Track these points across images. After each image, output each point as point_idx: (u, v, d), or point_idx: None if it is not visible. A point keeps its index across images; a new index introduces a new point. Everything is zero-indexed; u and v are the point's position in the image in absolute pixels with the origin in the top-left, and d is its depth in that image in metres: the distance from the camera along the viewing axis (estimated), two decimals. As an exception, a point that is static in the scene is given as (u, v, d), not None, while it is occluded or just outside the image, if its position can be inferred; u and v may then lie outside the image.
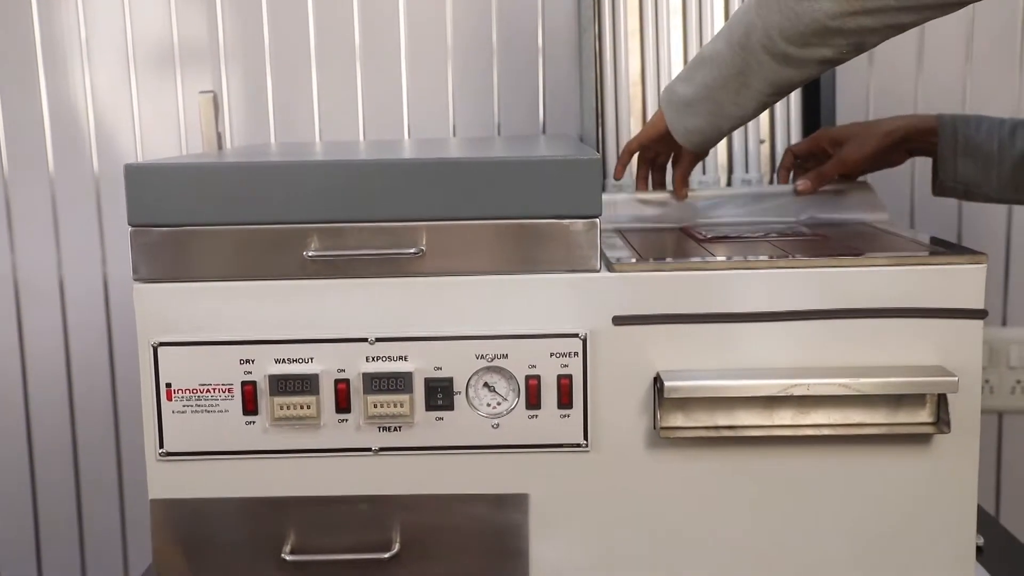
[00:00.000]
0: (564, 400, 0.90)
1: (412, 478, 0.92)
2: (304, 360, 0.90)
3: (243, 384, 0.90)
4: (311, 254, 0.89)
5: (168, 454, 0.91)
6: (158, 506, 0.92)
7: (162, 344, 0.90)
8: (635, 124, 1.36)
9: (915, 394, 0.90)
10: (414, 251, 0.89)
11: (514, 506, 0.92)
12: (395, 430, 0.91)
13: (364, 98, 1.50)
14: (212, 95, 1.15)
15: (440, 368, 0.90)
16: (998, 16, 1.46)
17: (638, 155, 1.20)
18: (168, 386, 0.90)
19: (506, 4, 1.48)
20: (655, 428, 0.90)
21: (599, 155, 0.91)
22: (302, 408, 0.90)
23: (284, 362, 0.90)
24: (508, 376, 0.90)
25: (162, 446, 0.91)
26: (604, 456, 0.92)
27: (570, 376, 0.90)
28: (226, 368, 0.90)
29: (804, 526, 0.93)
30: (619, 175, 1.22)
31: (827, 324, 0.90)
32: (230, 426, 0.91)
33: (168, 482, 0.92)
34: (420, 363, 0.90)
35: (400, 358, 0.90)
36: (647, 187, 1.21)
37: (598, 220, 0.89)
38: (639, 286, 0.90)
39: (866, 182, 1.22)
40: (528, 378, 0.90)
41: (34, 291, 1.54)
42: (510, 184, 0.89)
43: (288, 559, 0.92)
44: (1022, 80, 1.47)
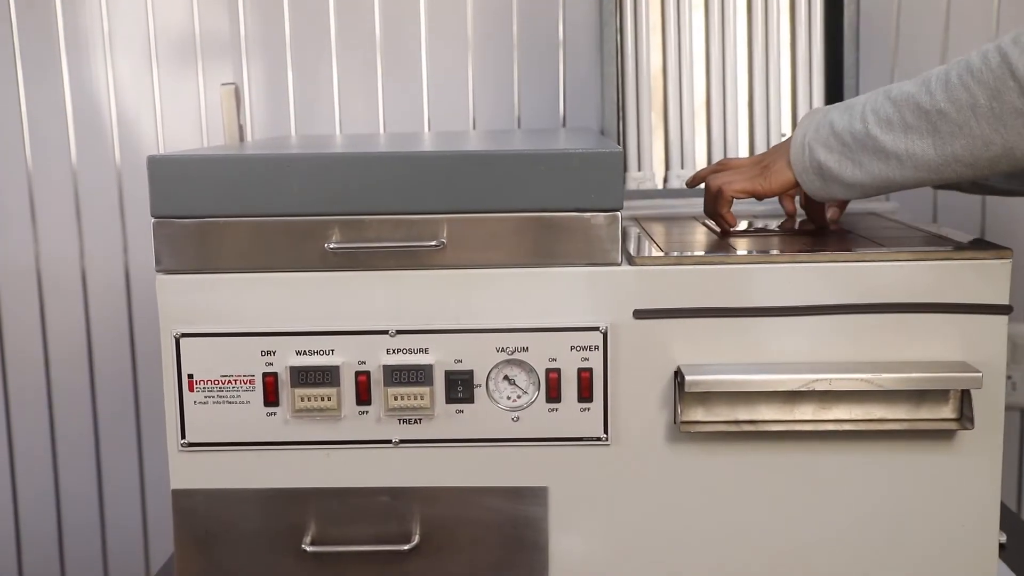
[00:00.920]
0: (584, 394, 0.90)
1: (432, 470, 0.92)
2: (325, 352, 0.90)
3: (264, 375, 0.91)
4: (332, 246, 0.89)
5: (190, 445, 0.92)
6: (180, 496, 0.93)
7: (184, 335, 0.90)
8: (656, 118, 1.35)
9: (938, 390, 0.89)
10: (435, 244, 0.89)
11: (534, 499, 0.92)
12: (415, 422, 0.91)
13: (384, 91, 1.50)
14: (234, 87, 1.15)
15: (460, 361, 0.90)
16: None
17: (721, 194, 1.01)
18: (190, 377, 0.91)
19: (527, -3, 1.48)
20: (675, 422, 0.90)
21: (620, 148, 0.91)
22: (323, 400, 0.90)
23: (305, 354, 0.90)
24: (528, 369, 0.90)
25: (184, 437, 0.92)
26: (624, 450, 0.92)
27: (590, 370, 0.90)
28: (247, 359, 0.91)
29: (824, 521, 0.92)
30: (732, 222, 1.02)
31: (849, 319, 0.89)
32: (251, 417, 0.91)
33: (190, 472, 0.93)
34: (440, 356, 0.90)
35: (421, 350, 0.90)
36: (733, 222, 1.03)
37: (619, 214, 0.89)
38: (660, 280, 0.90)
39: None
40: (548, 371, 0.90)
41: (56, 282, 1.55)
42: (532, 177, 0.88)
43: (308, 550, 0.92)
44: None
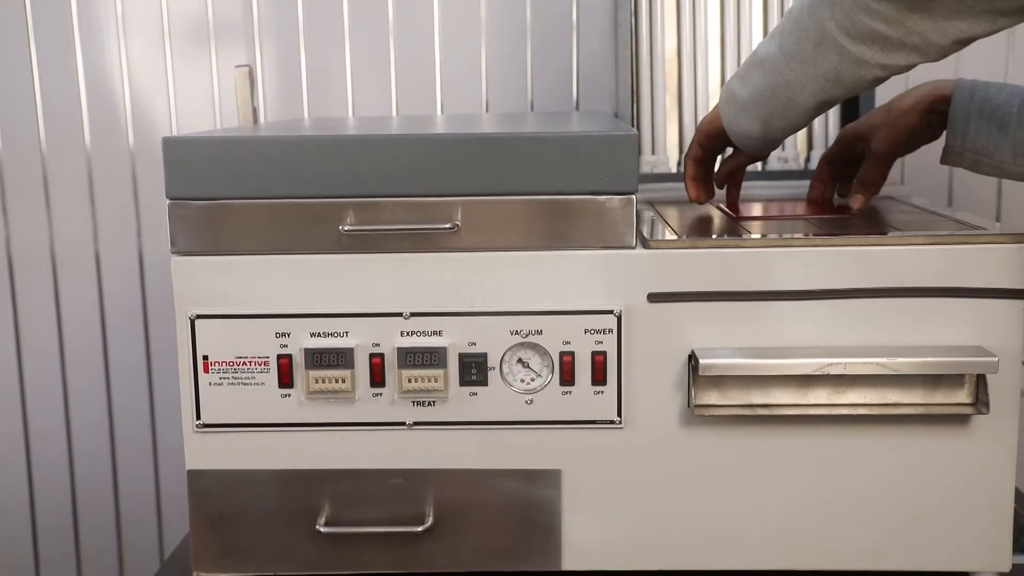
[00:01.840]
0: (598, 377, 0.90)
1: (446, 453, 0.93)
2: (339, 334, 0.91)
3: (279, 357, 0.91)
4: (347, 228, 0.89)
5: (205, 426, 0.92)
6: (195, 477, 0.93)
7: (199, 316, 0.91)
8: (670, 101, 1.35)
9: (953, 374, 0.89)
10: (449, 226, 0.89)
11: (547, 482, 0.93)
12: (429, 405, 0.91)
13: (397, 73, 1.50)
14: (247, 69, 1.15)
15: (474, 343, 0.90)
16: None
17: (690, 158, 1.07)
18: (205, 358, 0.91)
19: (540, -21, 1.47)
20: (689, 406, 0.90)
21: (636, 131, 0.91)
22: (337, 382, 0.91)
23: (319, 336, 0.91)
24: (542, 352, 0.90)
25: (199, 418, 0.92)
26: (637, 433, 0.92)
27: (604, 353, 0.90)
28: (262, 341, 0.91)
29: (838, 506, 0.92)
30: (701, 197, 1.07)
31: (864, 303, 0.89)
32: (266, 399, 0.92)
33: (205, 453, 0.93)
34: (454, 338, 0.90)
35: (435, 333, 0.90)
36: (704, 193, 1.08)
37: (634, 197, 0.89)
38: (675, 263, 0.89)
39: None
40: (562, 354, 0.90)
41: (70, 264, 1.56)
42: (546, 160, 0.88)
43: (322, 531, 0.93)
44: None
